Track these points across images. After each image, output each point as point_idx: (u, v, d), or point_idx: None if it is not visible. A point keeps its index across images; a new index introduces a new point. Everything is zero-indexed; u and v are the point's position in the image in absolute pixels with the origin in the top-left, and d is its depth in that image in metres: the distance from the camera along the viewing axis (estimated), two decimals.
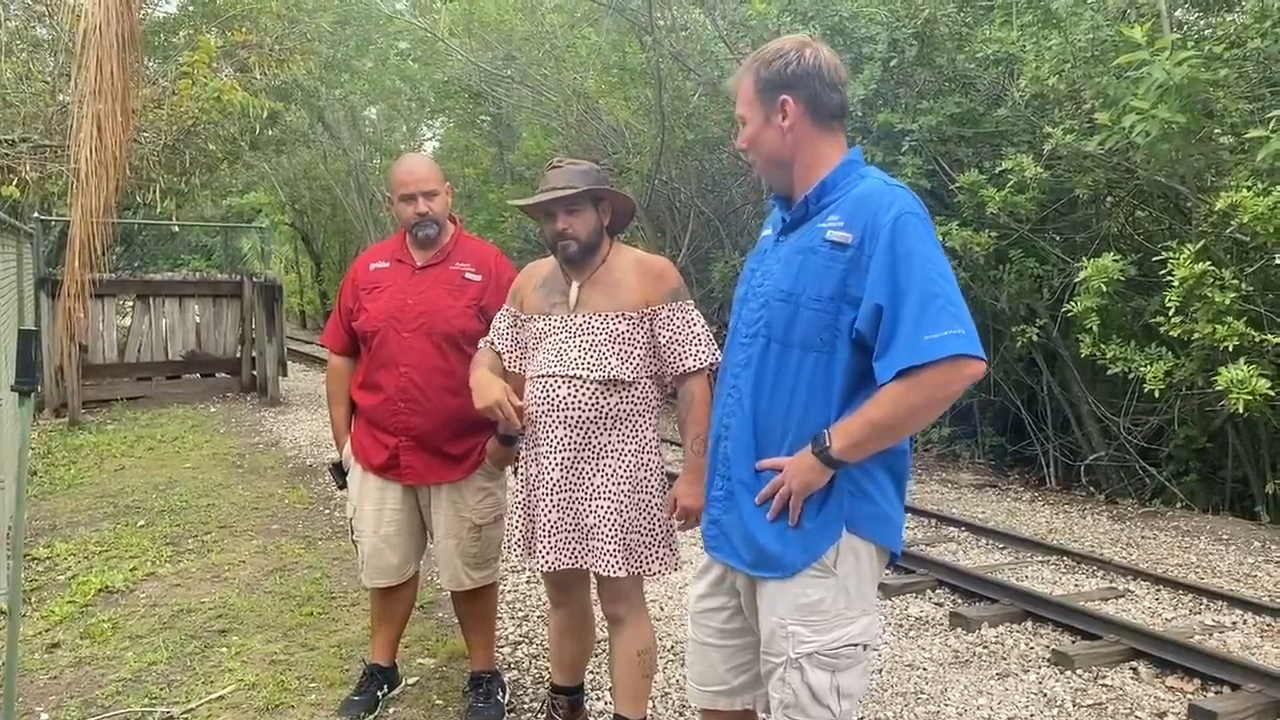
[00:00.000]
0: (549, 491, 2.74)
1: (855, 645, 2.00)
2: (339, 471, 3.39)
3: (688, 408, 2.71)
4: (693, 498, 2.60)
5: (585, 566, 2.77)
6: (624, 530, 2.71)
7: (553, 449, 2.73)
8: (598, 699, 3.50)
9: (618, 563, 2.70)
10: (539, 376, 2.76)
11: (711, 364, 2.70)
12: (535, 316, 2.83)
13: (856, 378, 1.95)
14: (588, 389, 2.69)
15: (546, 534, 2.75)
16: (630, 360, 2.71)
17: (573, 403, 2.69)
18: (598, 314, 2.72)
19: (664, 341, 2.72)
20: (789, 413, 2.01)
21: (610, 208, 2.85)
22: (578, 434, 2.71)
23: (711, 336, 2.75)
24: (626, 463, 2.72)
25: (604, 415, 2.70)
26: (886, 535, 2.03)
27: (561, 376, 2.71)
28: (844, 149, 2.09)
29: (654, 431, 2.80)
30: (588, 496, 2.72)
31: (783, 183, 2.12)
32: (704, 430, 2.55)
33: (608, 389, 2.69)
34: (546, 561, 2.75)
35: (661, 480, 2.81)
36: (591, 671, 3.62)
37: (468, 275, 3.18)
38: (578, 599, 3.00)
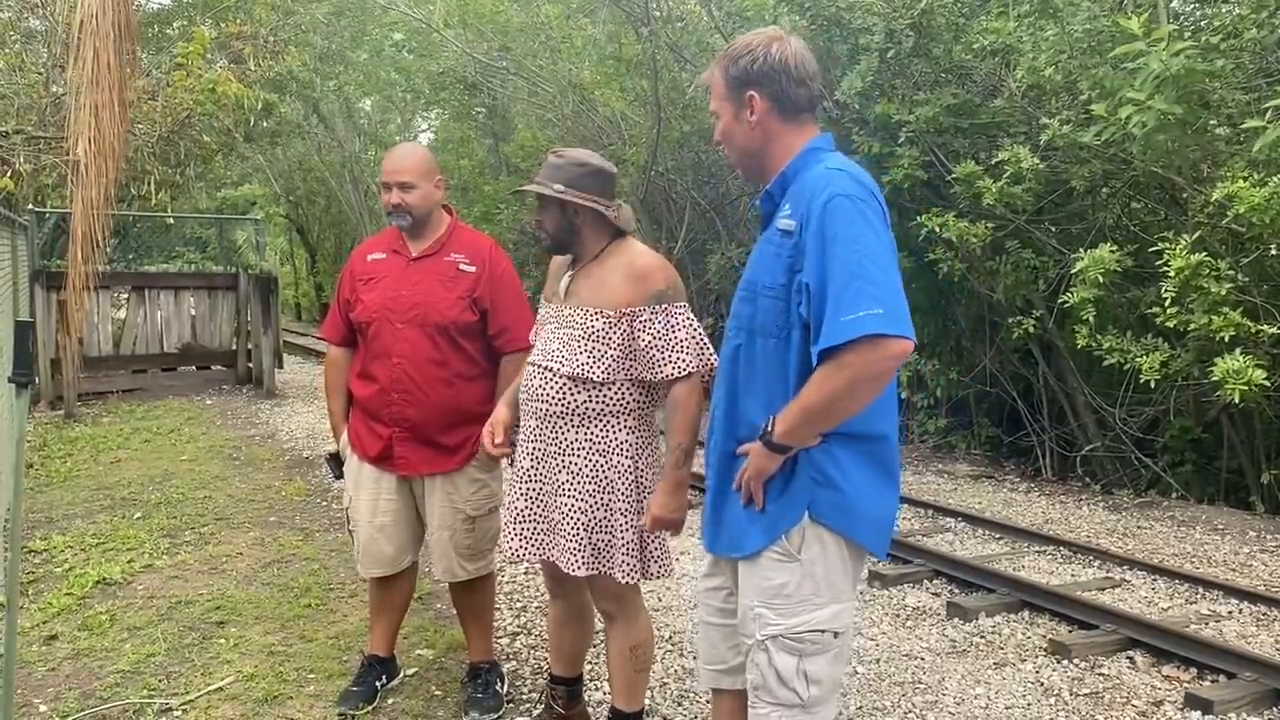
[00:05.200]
0: (519, 479, 2.76)
1: (822, 631, 2.01)
2: (336, 462, 3.40)
3: (670, 415, 2.56)
4: (664, 509, 2.52)
5: (550, 559, 2.74)
6: (588, 530, 2.66)
7: (525, 438, 2.76)
8: (596, 689, 3.51)
9: (579, 561, 2.65)
10: (528, 363, 2.80)
11: (696, 370, 2.55)
12: (545, 302, 2.86)
13: (809, 363, 1.97)
14: (556, 382, 2.65)
15: (513, 520, 2.77)
16: (603, 360, 2.61)
17: (542, 394, 2.68)
18: (580, 308, 2.67)
19: (644, 345, 2.57)
20: (756, 400, 2.07)
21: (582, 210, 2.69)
22: (545, 426, 2.69)
23: (702, 341, 2.60)
24: (593, 463, 2.65)
25: (570, 411, 2.64)
26: (853, 526, 2.01)
27: (539, 366, 2.71)
28: (812, 138, 2.11)
29: (630, 434, 2.66)
30: (553, 491, 2.70)
31: (757, 175, 2.17)
32: (685, 439, 2.51)
33: (576, 385, 2.62)
34: (510, 548, 2.77)
35: (633, 485, 2.66)
36: (590, 662, 3.63)
37: (462, 266, 3.17)
38: (575, 591, 2.99)
